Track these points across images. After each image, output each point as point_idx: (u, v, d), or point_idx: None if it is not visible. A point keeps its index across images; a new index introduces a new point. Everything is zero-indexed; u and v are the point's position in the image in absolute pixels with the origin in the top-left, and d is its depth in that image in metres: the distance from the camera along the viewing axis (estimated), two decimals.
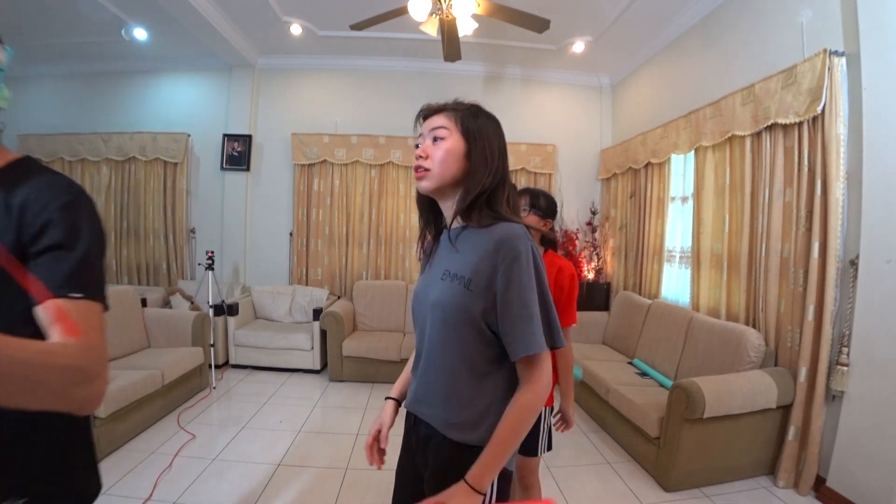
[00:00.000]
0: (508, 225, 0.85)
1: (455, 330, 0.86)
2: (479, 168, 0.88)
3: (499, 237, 0.83)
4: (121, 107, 4.61)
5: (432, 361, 0.90)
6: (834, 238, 2.10)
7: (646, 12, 3.37)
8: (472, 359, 0.86)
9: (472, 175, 0.88)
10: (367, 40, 3.98)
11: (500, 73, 4.59)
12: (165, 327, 3.36)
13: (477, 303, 0.83)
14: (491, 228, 0.85)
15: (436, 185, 0.89)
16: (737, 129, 2.65)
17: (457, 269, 0.86)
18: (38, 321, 0.62)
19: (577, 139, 4.68)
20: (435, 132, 0.90)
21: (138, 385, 2.57)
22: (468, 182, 0.88)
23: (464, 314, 0.84)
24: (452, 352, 0.87)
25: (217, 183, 4.51)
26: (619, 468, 2.46)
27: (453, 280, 0.86)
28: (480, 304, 0.83)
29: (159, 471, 2.22)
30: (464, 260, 0.86)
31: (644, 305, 3.44)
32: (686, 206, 3.39)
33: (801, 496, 2.18)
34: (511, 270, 0.80)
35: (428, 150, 0.90)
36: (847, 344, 2.08)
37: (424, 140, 0.92)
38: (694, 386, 2.10)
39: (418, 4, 2.45)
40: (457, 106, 0.95)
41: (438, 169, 0.88)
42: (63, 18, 3.68)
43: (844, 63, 2.12)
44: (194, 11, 3.31)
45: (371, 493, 2.16)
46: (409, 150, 4.42)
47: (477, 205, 0.88)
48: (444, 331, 0.87)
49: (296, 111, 4.54)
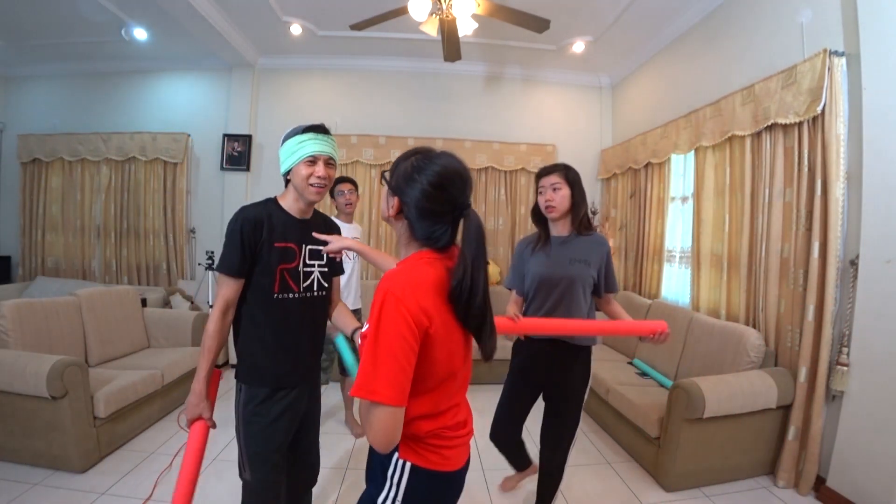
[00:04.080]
0: (599, 235, 1.76)
1: (582, 287, 1.68)
2: (580, 203, 1.71)
3: (600, 241, 1.73)
4: (121, 107, 4.61)
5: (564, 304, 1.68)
6: (834, 238, 2.10)
7: (646, 12, 3.37)
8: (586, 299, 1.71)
9: (576, 207, 1.71)
10: (367, 40, 3.97)
11: (500, 73, 4.58)
12: (165, 327, 3.36)
13: (593, 271, 1.68)
14: (592, 236, 1.73)
15: (559, 215, 1.70)
16: (737, 129, 2.65)
17: (581, 257, 1.68)
18: None
19: (576, 139, 4.68)
20: (554, 185, 1.68)
21: (138, 385, 2.57)
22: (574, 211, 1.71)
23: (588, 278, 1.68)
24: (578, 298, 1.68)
25: (217, 183, 4.51)
26: (619, 468, 2.46)
27: (580, 263, 1.67)
28: (594, 272, 1.69)
29: (159, 471, 2.22)
30: (583, 251, 1.68)
31: (644, 305, 3.43)
32: (686, 206, 3.40)
33: (801, 496, 2.18)
34: (608, 256, 1.72)
35: (553, 196, 1.68)
36: (847, 344, 2.08)
37: (547, 191, 1.69)
38: (694, 386, 2.10)
39: (418, 4, 2.45)
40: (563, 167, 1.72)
41: (559, 206, 1.68)
42: (63, 18, 3.68)
43: (844, 63, 2.12)
44: (194, 11, 3.30)
45: None
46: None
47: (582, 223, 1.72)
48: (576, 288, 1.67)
49: (296, 111, 4.53)
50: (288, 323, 1.34)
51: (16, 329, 2.42)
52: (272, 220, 1.30)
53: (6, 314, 2.41)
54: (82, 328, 2.83)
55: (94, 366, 2.77)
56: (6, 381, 2.13)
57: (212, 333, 1.28)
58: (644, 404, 2.45)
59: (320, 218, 1.49)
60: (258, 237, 1.27)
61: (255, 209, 1.31)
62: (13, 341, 2.39)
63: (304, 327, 1.38)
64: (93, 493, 2.02)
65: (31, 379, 2.09)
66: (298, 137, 1.30)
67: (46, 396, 2.10)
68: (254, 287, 1.30)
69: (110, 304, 3.06)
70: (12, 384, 2.13)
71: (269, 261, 1.29)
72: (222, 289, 1.28)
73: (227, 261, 1.27)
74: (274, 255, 1.30)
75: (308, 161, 1.29)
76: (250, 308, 1.32)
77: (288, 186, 1.37)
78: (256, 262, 1.29)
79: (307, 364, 1.42)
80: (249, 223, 1.26)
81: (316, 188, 1.32)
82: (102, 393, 2.32)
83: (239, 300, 1.32)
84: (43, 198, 4.57)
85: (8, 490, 2.01)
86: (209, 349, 1.28)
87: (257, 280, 1.30)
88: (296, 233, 1.35)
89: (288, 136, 1.33)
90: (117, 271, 4.51)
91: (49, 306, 2.67)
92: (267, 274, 1.29)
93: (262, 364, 1.33)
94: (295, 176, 1.31)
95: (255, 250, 1.28)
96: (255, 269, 1.29)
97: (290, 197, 1.36)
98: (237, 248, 1.26)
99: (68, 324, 2.73)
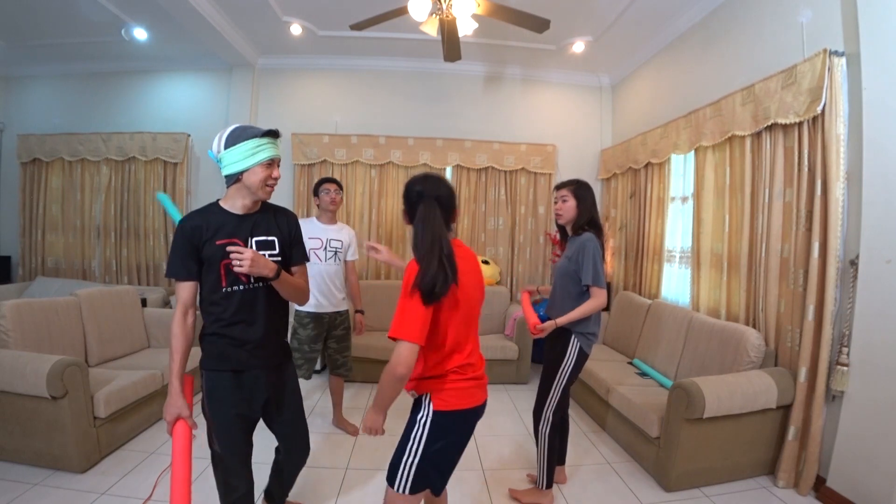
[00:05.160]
0: (586, 234, 2.00)
1: (569, 278, 2.02)
2: (583, 213, 2.05)
3: (582, 238, 1.99)
4: (121, 107, 4.61)
5: (558, 291, 2.08)
6: (834, 238, 2.10)
7: (646, 12, 3.37)
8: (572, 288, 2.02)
9: (579, 216, 2.05)
10: (367, 40, 3.97)
11: (500, 73, 4.58)
12: (165, 327, 3.35)
13: (573, 265, 1.99)
14: (581, 235, 2.01)
15: (564, 222, 2.11)
16: (737, 129, 2.65)
17: (569, 253, 2.04)
18: None
19: (576, 139, 4.68)
20: (563, 197, 2.07)
21: (138, 385, 2.57)
22: (577, 219, 2.06)
23: (571, 271, 2.00)
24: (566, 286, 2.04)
25: (217, 183, 4.49)
26: (619, 468, 2.46)
27: (567, 258, 2.03)
28: (575, 265, 1.98)
29: (159, 471, 2.22)
30: (571, 249, 2.03)
31: (644, 305, 3.44)
32: (686, 206, 3.40)
33: (801, 496, 2.18)
34: (583, 251, 1.96)
35: (561, 206, 2.07)
36: (847, 344, 2.08)
37: (558, 201, 2.09)
38: (694, 386, 2.10)
39: (418, 4, 2.45)
40: (575, 183, 2.09)
41: (565, 214, 2.07)
42: (63, 18, 3.68)
43: (844, 63, 2.12)
44: (194, 11, 3.31)
45: (371, 493, 2.16)
46: (409, 150, 4.42)
47: (577, 226, 2.06)
48: (564, 279, 2.05)
49: (296, 111, 4.54)
50: (241, 313, 1.43)
51: (16, 329, 2.42)
52: (211, 222, 1.40)
53: (6, 314, 2.41)
54: (82, 328, 2.83)
55: (94, 366, 2.77)
56: (6, 381, 2.13)
57: (176, 333, 1.38)
58: (644, 404, 2.45)
59: (271, 210, 1.56)
60: (198, 240, 1.37)
61: (193, 217, 1.41)
62: (13, 341, 2.39)
63: (259, 316, 1.46)
64: (93, 493, 2.03)
65: (31, 379, 2.09)
66: (256, 141, 1.38)
67: (46, 396, 2.10)
68: (203, 284, 1.42)
69: (110, 304, 3.06)
70: (12, 384, 2.12)
71: (212, 258, 1.38)
72: (178, 292, 1.39)
73: (173, 266, 1.39)
74: (217, 252, 1.38)
75: (266, 164, 1.40)
76: (205, 303, 1.44)
77: (234, 187, 1.43)
78: (202, 262, 1.39)
79: (266, 349, 1.51)
80: (187, 230, 1.37)
81: (270, 188, 1.46)
82: (102, 393, 2.32)
83: (199, 299, 1.45)
84: (43, 198, 4.57)
85: (8, 490, 2.01)
86: (175, 349, 1.38)
87: (205, 277, 1.41)
88: (240, 227, 1.43)
89: (237, 139, 1.38)
90: (117, 271, 4.51)
91: (49, 306, 2.67)
92: (212, 271, 1.39)
93: (221, 352, 1.44)
94: (251, 176, 1.39)
95: (198, 252, 1.38)
96: (202, 268, 1.40)
97: (237, 196, 1.44)
98: (178, 254, 1.37)
99: (68, 324, 2.74)
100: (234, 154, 1.38)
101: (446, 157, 4.44)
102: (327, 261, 2.64)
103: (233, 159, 1.38)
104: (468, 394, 1.31)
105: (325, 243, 2.64)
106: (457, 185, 4.50)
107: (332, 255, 2.66)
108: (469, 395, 1.31)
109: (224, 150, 1.39)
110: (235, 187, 1.43)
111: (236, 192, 1.44)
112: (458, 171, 4.51)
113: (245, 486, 1.56)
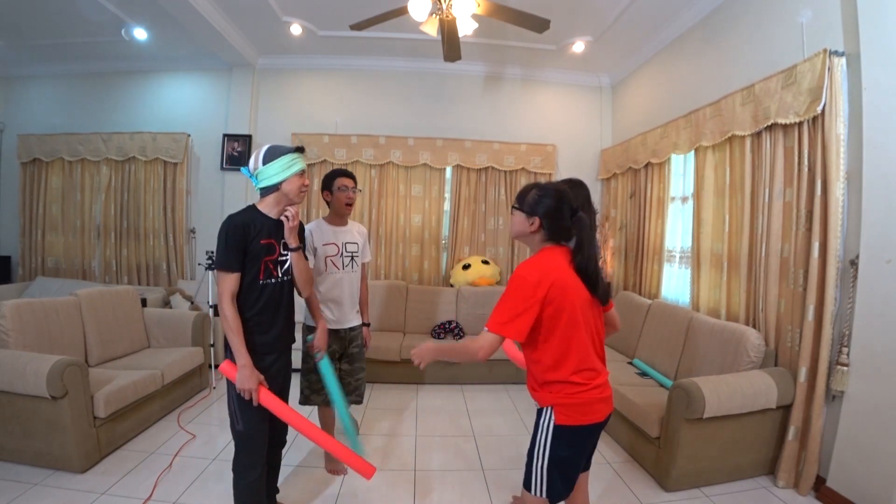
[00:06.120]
0: None
1: None
2: None
3: None
4: (121, 107, 4.61)
5: None
6: (834, 238, 2.10)
7: (646, 12, 3.37)
8: None
9: None
10: (367, 40, 3.98)
11: (500, 73, 4.59)
12: (165, 327, 3.36)
13: None
14: None
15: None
16: (737, 129, 2.65)
17: None
18: None
19: (577, 139, 4.68)
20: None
21: (138, 385, 2.57)
22: None
23: None
24: None
25: (217, 183, 4.51)
26: (619, 468, 2.46)
27: None
28: None
29: (159, 471, 2.22)
30: None
31: (644, 305, 3.43)
32: (686, 206, 3.39)
33: (801, 496, 2.18)
34: None
35: None
36: (847, 344, 2.08)
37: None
38: (694, 386, 2.10)
39: (418, 4, 2.45)
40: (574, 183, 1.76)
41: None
42: (63, 18, 3.68)
43: (844, 63, 2.12)
44: (194, 11, 3.31)
45: (371, 493, 2.16)
46: (409, 150, 4.42)
47: None
48: None
49: (296, 111, 4.54)
50: (270, 302, 1.66)
51: (16, 329, 2.42)
52: (256, 223, 1.61)
53: (6, 314, 2.41)
54: (82, 328, 2.83)
55: (94, 366, 2.77)
56: (6, 381, 2.13)
57: (231, 316, 1.54)
58: (644, 404, 2.45)
59: None
60: (247, 237, 1.57)
61: (241, 216, 1.61)
62: (13, 341, 2.39)
63: (282, 306, 1.72)
64: (93, 493, 2.02)
65: (31, 379, 2.09)
66: (291, 156, 1.63)
67: (46, 396, 2.10)
68: (245, 276, 1.60)
69: (110, 304, 3.06)
70: (12, 384, 2.13)
71: (256, 255, 1.60)
72: (225, 283, 1.55)
73: (225, 260, 1.55)
74: (261, 250, 1.61)
75: (299, 174, 1.65)
76: (241, 294, 1.60)
77: (271, 194, 1.65)
78: (246, 256, 1.58)
79: (284, 335, 1.75)
80: (238, 227, 1.56)
81: (304, 193, 1.71)
82: (102, 393, 2.32)
83: None
84: (43, 198, 4.57)
85: (8, 490, 2.01)
86: (235, 330, 1.53)
87: (248, 270, 1.60)
88: (275, 231, 1.66)
89: (274, 155, 1.61)
90: (117, 271, 4.51)
91: (49, 306, 2.67)
92: (254, 265, 1.60)
93: (251, 337, 1.60)
94: (289, 185, 1.63)
95: (244, 248, 1.57)
96: (246, 262, 1.59)
97: (272, 202, 1.65)
98: (230, 249, 1.55)
99: (68, 324, 2.73)
100: (273, 168, 1.59)
101: (446, 157, 4.44)
102: (345, 268, 2.24)
103: (271, 172, 1.60)
104: (590, 409, 1.34)
105: (342, 248, 2.24)
106: (456, 185, 4.51)
107: (349, 260, 2.27)
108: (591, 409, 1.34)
109: (262, 165, 1.60)
110: (274, 196, 1.65)
111: (274, 200, 1.65)
112: (458, 171, 4.51)
113: (261, 468, 1.69)
